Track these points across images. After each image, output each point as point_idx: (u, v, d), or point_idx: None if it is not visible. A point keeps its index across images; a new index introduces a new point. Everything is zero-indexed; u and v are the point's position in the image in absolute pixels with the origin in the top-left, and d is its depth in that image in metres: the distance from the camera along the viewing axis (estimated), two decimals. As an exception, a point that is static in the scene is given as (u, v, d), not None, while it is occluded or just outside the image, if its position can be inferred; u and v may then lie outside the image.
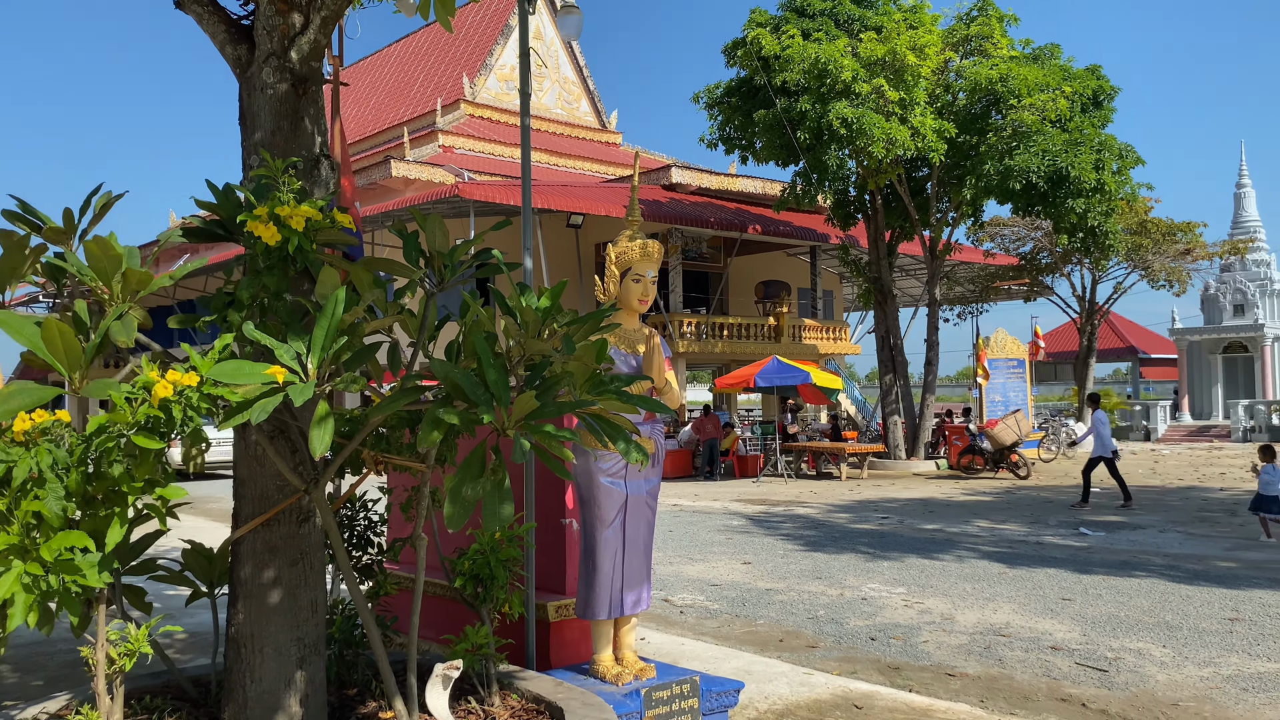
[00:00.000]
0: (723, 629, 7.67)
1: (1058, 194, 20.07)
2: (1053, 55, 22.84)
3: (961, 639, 7.12)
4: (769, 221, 29.98)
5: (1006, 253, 32.68)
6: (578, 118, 42.06)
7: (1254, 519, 13.24)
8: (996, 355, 26.88)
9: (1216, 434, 32.89)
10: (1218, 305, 37.57)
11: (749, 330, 30.94)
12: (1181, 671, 6.16)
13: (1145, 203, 29.64)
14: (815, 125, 20.04)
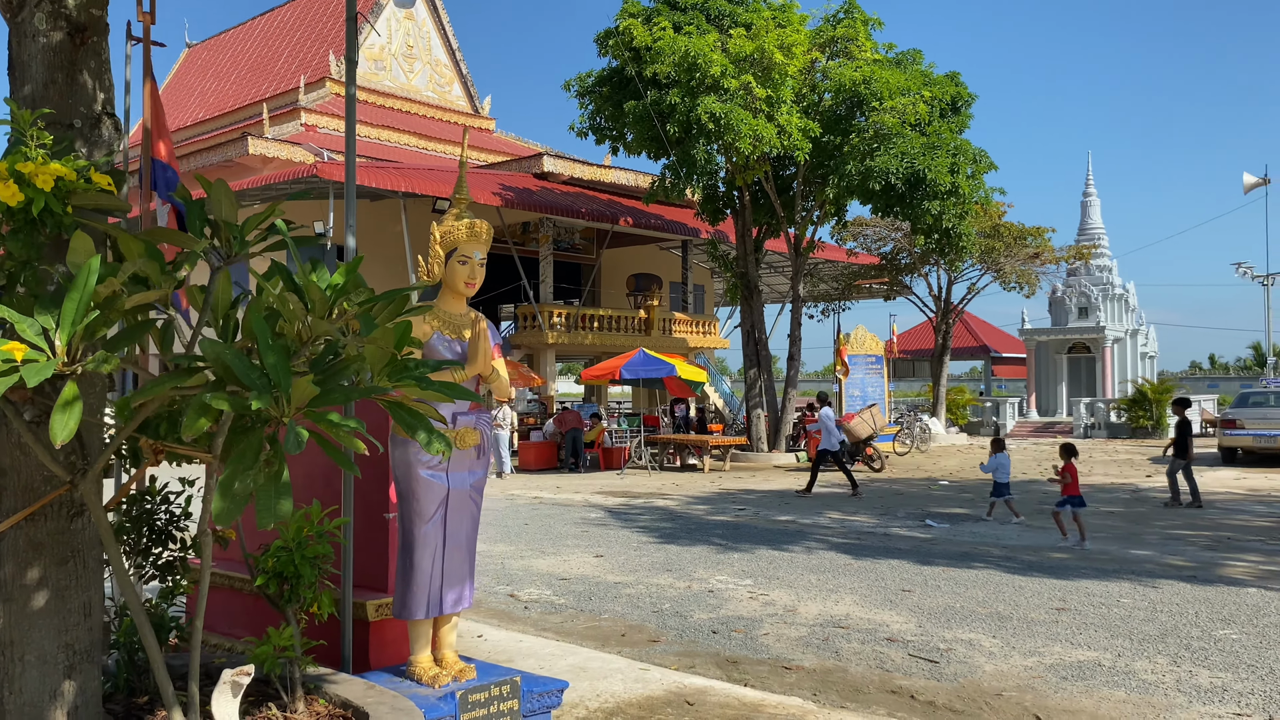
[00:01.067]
0: (566, 624, 7.51)
1: (915, 195, 20.66)
2: (915, 61, 23.51)
3: (802, 631, 7.15)
4: (641, 214, 30.00)
5: (869, 252, 33.56)
6: (449, 101, 41.23)
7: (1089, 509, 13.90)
8: (856, 351, 27.57)
9: (1060, 430, 34.60)
10: (1064, 307, 39.53)
11: (620, 322, 30.93)
12: (1008, 661, 6.31)
13: (998, 207, 30.85)
14: (684, 119, 20.09)
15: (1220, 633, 6.90)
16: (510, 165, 30.99)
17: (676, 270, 35.60)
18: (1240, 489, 16.74)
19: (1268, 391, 23.27)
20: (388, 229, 26.05)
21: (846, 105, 21.76)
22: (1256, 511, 13.85)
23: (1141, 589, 8.44)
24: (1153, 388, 32.60)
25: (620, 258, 35.50)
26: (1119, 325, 39.08)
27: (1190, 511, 13.87)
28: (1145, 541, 11.23)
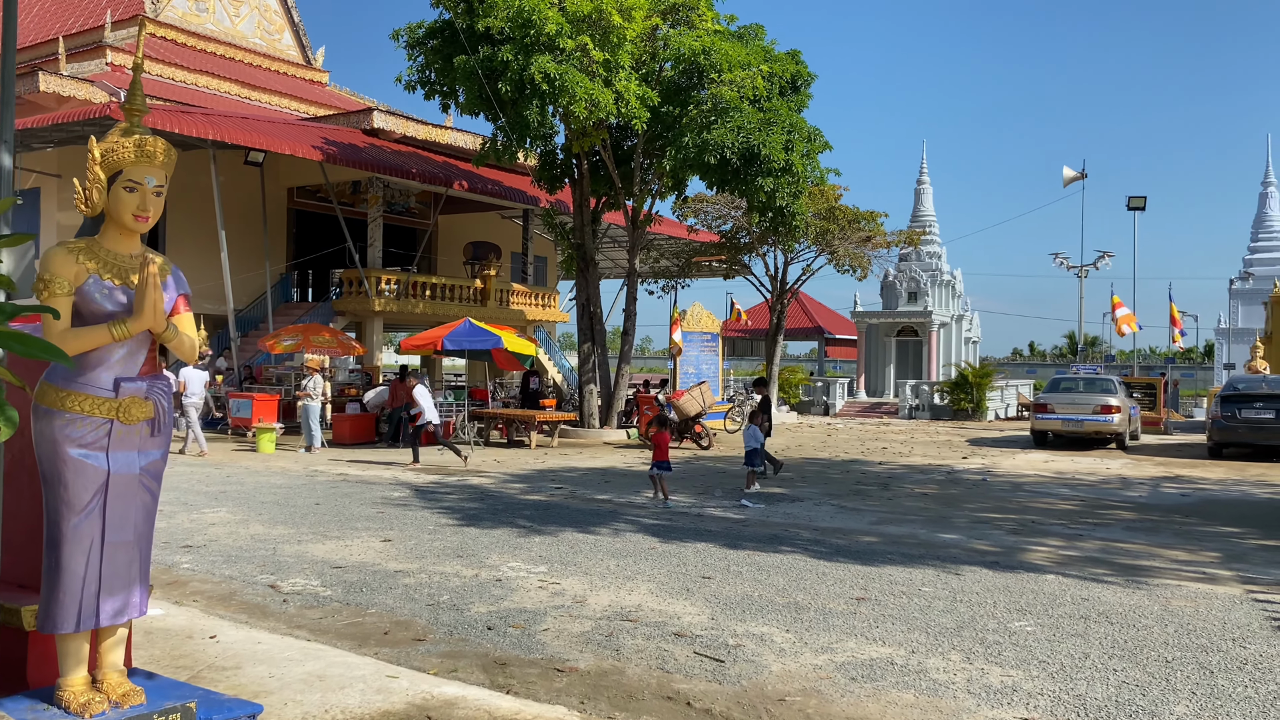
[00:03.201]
0: (324, 620, 6.67)
1: (749, 171, 20.40)
2: (757, 36, 23.22)
3: (586, 625, 6.54)
4: (479, 179, 28.84)
5: (709, 230, 33.41)
6: (279, 50, 38.74)
7: (902, 491, 13.89)
8: (692, 328, 27.34)
9: (886, 410, 35.52)
10: (895, 291, 40.59)
11: (454, 291, 29.75)
12: (798, 660, 5.87)
13: (834, 190, 31.16)
14: (517, 78, 19.15)
15: (1016, 624, 6.67)
16: (337, 119, 29.24)
17: (518, 240, 34.60)
18: (1048, 471, 17.23)
19: (1077, 378, 24.27)
20: (198, 182, 24.08)
21: (686, 75, 21.26)
22: (1061, 494, 14.17)
23: (944, 576, 8.23)
24: (974, 371, 33.79)
25: (459, 224, 34.21)
26: (946, 310, 40.41)
27: (1001, 493, 14.07)
28: (954, 525, 11.19)
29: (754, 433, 14.06)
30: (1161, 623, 6.71)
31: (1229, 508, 12.96)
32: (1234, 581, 8.18)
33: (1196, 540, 10.33)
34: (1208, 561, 9.12)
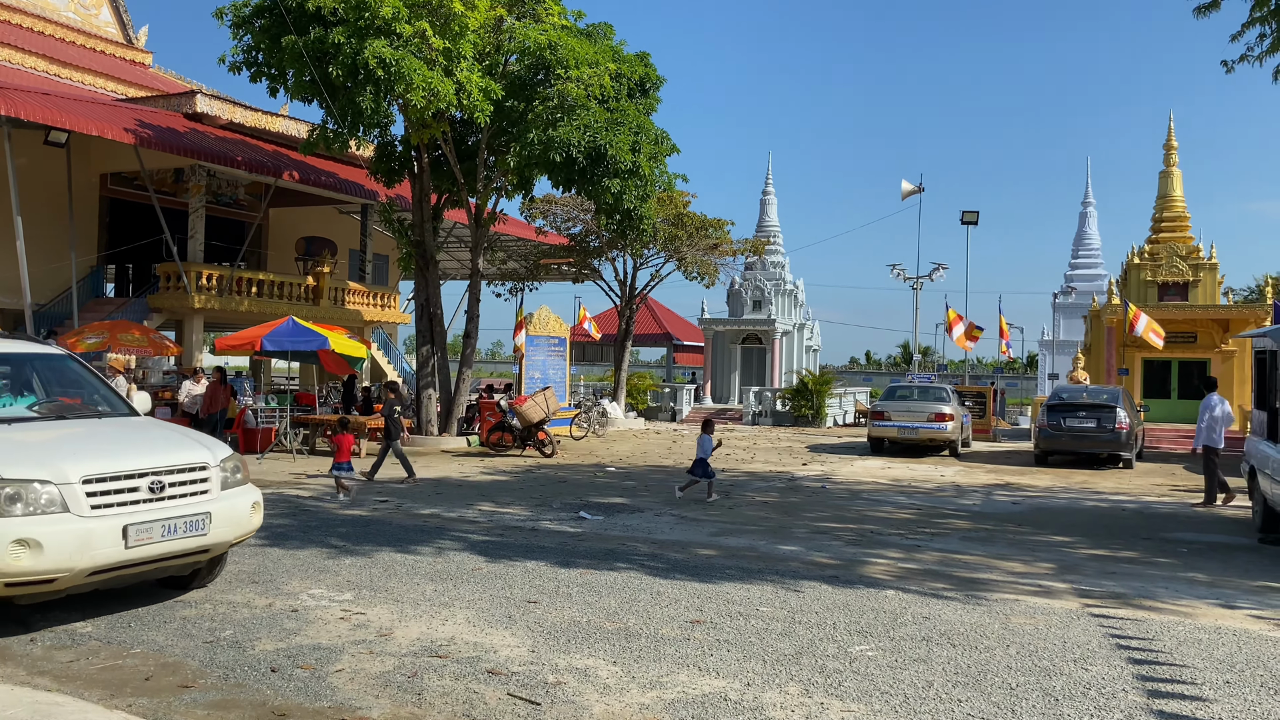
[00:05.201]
0: (75, 664, 5.66)
1: (596, 172, 19.85)
2: (606, 35, 22.73)
3: (388, 664, 5.77)
4: (313, 170, 27.30)
5: (558, 232, 32.79)
6: (96, 27, 35.89)
7: (743, 499, 13.59)
8: (539, 332, 26.62)
9: (731, 416, 35.67)
10: (741, 300, 40.93)
11: (283, 289, 28.06)
12: (623, 699, 5.27)
13: (682, 196, 31.07)
14: (349, 62, 18.00)
15: (857, 649, 6.27)
16: (156, 102, 27.13)
17: (356, 236, 33.04)
18: (885, 478, 17.33)
19: (912, 386, 24.79)
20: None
21: (532, 70, 20.55)
22: (898, 502, 14.16)
23: (783, 594, 7.82)
24: (814, 379, 34.31)
25: (291, 218, 32.39)
26: (788, 319, 41.02)
27: (840, 501, 13.94)
28: (793, 536, 10.89)
29: (706, 442, 13.99)
30: (1004, 644, 6.44)
31: (1058, 516, 13.18)
32: (1070, 595, 8.08)
33: (1030, 550, 10.33)
34: (1043, 573, 9.06)
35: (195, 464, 6.80)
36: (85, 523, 6.06)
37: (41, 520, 5.93)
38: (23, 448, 6.36)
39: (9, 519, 5.85)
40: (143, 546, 6.27)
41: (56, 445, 6.63)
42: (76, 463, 6.25)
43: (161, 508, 6.45)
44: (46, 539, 5.86)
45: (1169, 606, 7.72)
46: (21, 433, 6.79)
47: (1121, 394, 21.53)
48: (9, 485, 5.94)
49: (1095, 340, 31.19)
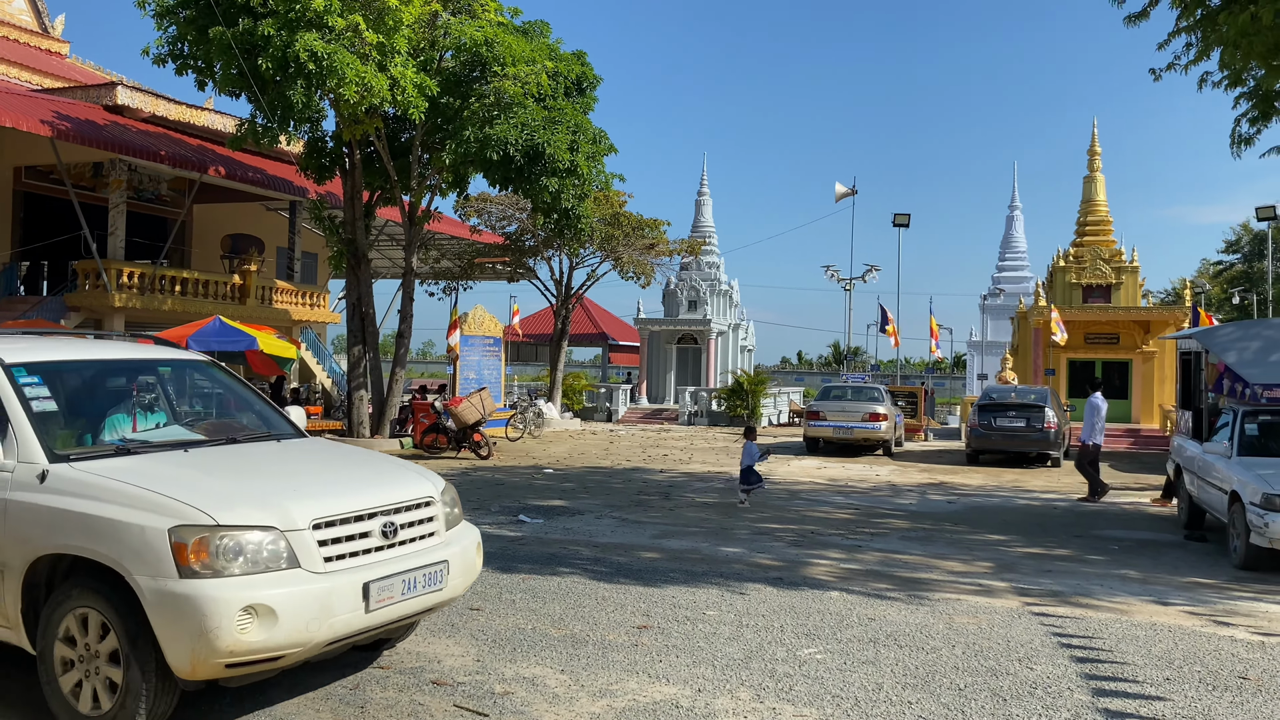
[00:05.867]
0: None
1: (534, 170, 19.68)
2: (542, 33, 22.55)
3: (329, 675, 5.56)
4: (240, 166, 26.57)
5: (493, 231, 32.47)
6: (9, 14, 34.52)
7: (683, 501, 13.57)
8: (474, 332, 26.34)
9: (667, 417, 35.70)
10: (676, 300, 41.01)
11: (208, 287, 27.25)
12: (573, 708, 5.16)
13: (619, 196, 31.01)
14: (280, 55, 17.54)
15: (805, 651, 6.25)
16: (75, 93, 26.20)
17: (284, 234, 32.28)
18: (822, 478, 17.46)
19: (847, 386, 25.06)
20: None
21: (468, 67, 20.27)
22: (836, 502, 14.26)
23: (729, 596, 7.78)
24: (749, 379, 34.50)
25: (217, 215, 31.49)
26: (723, 319, 41.22)
27: (779, 502, 13.97)
28: (736, 537, 10.87)
29: (751, 449, 13.58)
30: (949, 644, 6.47)
31: (992, 515, 13.39)
32: (1010, 594, 8.18)
33: (968, 549, 10.45)
34: (982, 572, 9.16)
35: (422, 498, 5.36)
36: (321, 581, 4.61)
37: (270, 580, 4.49)
38: (224, 482, 4.95)
39: (229, 579, 4.40)
40: (384, 609, 4.85)
41: (263, 479, 5.17)
42: (299, 501, 4.79)
43: (397, 557, 5.03)
44: (280, 604, 4.43)
45: (1105, 604, 7.85)
46: (208, 462, 5.32)
47: (1049, 394, 22.02)
48: (225, 533, 4.45)
49: (1022, 341, 31.88)
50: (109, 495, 4.61)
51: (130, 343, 6.75)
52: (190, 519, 4.45)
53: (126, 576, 4.44)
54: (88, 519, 4.56)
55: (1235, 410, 10.96)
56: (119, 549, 4.46)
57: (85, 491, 4.67)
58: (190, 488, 4.69)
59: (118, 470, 4.84)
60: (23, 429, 5.01)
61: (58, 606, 4.69)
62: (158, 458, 5.24)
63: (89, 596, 4.59)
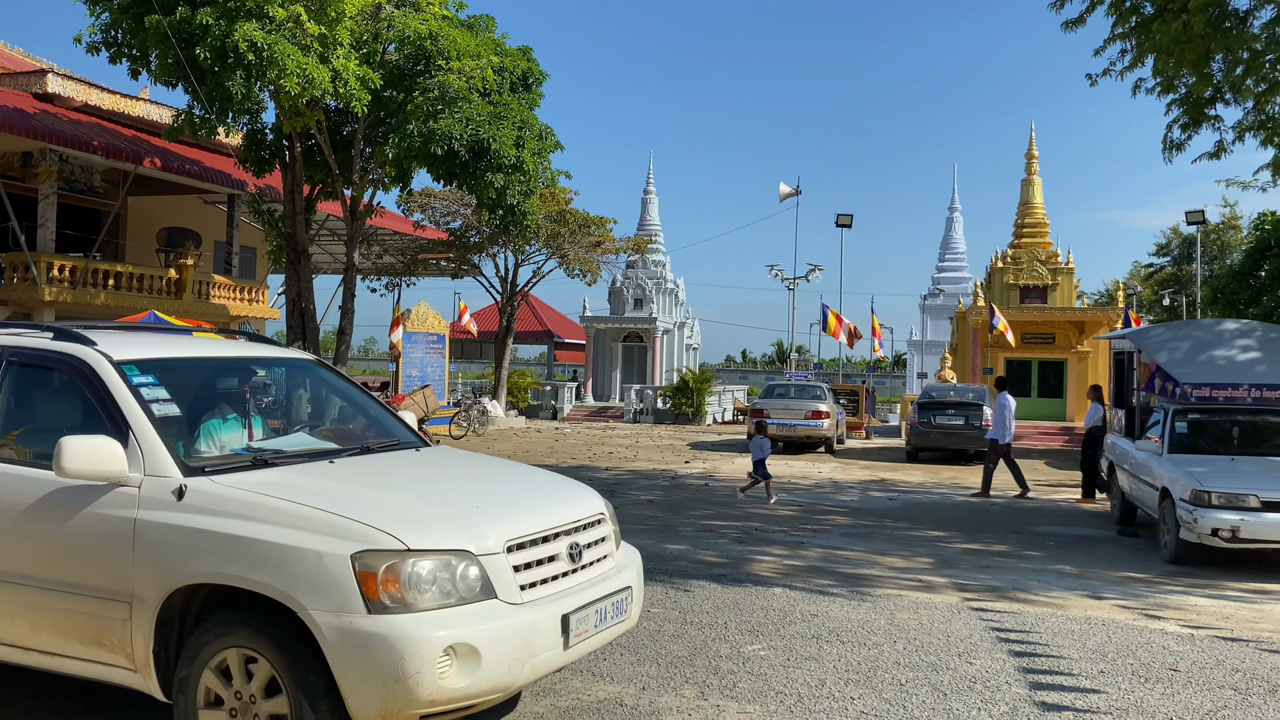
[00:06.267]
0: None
1: (479, 166, 19.54)
2: (488, 27, 22.38)
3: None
4: (176, 158, 25.97)
5: (436, 226, 32.18)
6: (-67, -3, 33.39)
7: (629, 498, 13.54)
8: (417, 329, 26.09)
9: (612, 414, 35.70)
10: (622, 298, 41.05)
11: (143, 282, 26.61)
12: (519, 706, 5.11)
13: (565, 193, 30.92)
14: (218, 45, 17.18)
15: (749, 649, 6.27)
16: (2, 80, 25.39)
17: (222, 228, 31.64)
18: (766, 476, 17.55)
19: (790, 384, 25.28)
20: None
21: (412, 60, 20.06)
22: (779, 499, 14.35)
23: (673, 594, 7.78)
24: (694, 377, 34.63)
25: (153, 208, 30.76)
26: (669, 318, 41.34)
27: (723, 499, 14.02)
28: (680, 534, 10.89)
29: (761, 443, 14.25)
30: (891, 639, 6.54)
31: (932, 511, 13.59)
32: (949, 589, 8.30)
33: (909, 545, 10.59)
34: (922, 568, 9.29)
35: (596, 515, 4.75)
36: (521, 614, 3.98)
37: (468, 614, 3.84)
38: (398, 499, 4.30)
39: (425, 614, 3.75)
40: (580, 644, 4.25)
41: (436, 494, 4.55)
42: (488, 520, 4.16)
43: (584, 583, 4.42)
44: (483, 643, 3.79)
45: (1042, 598, 8.00)
46: (362, 474, 4.65)
47: (987, 393, 22.41)
48: (418, 559, 3.80)
49: (961, 341, 32.42)
50: (269, 514, 3.92)
51: (227, 340, 5.95)
52: (376, 543, 3.77)
53: (300, 612, 3.74)
54: (246, 543, 3.87)
55: (1166, 409, 11.25)
56: (288, 578, 3.77)
57: (237, 510, 3.98)
58: (366, 506, 4.02)
59: (268, 485, 4.16)
60: (148, 437, 4.26)
61: (203, 646, 3.99)
62: (304, 470, 4.54)
63: (245, 634, 3.90)
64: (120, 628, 4.12)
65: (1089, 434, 14.56)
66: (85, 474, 4.12)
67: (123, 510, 4.15)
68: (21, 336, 4.99)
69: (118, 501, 4.18)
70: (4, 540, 4.41)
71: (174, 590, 4.03)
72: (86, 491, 4.25)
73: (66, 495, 4.28)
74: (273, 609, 3.86)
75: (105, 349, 4.63)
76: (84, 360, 4.58)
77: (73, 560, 4.24)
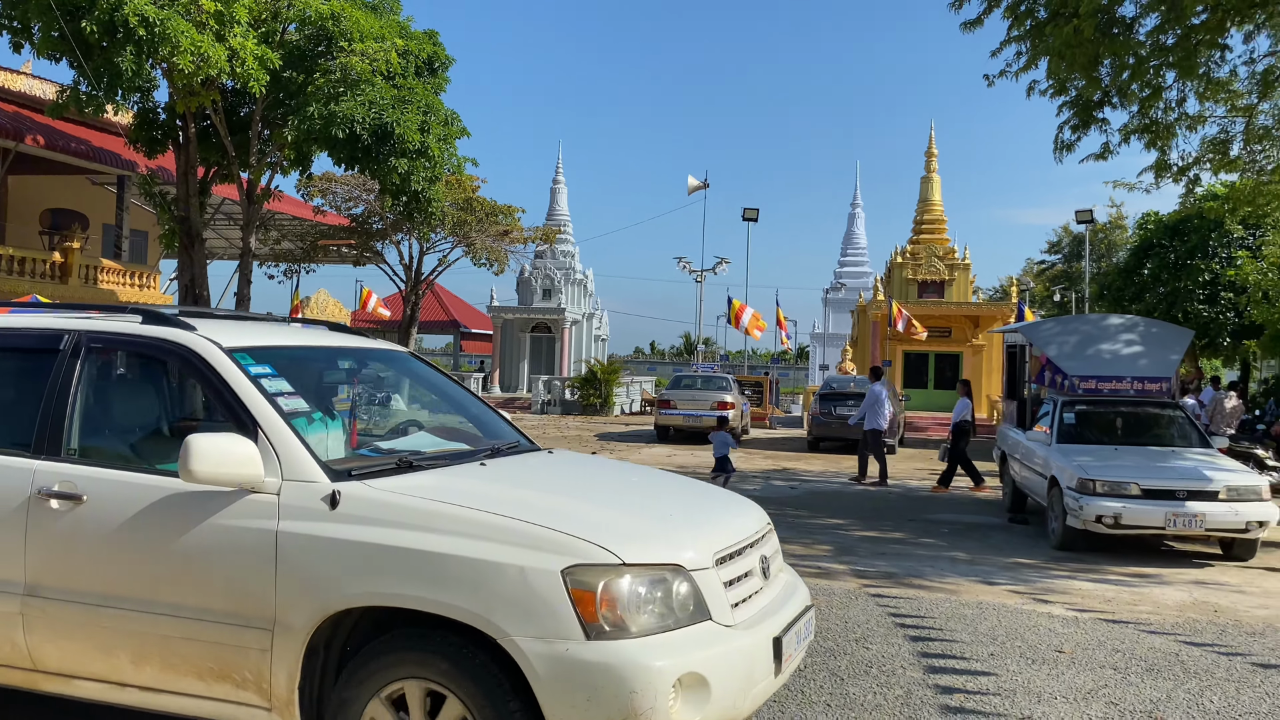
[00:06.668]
0: None
1: (382, 150, 19.14)
2: (392, 9, 21.93)
3: None
4: (62, 136, 24.79)
5: (338, 212, 31.46)
6: None
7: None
8: (317, 317, 25.44)
9: (520, 405, 35.46)
10: (530, 288, 40.82)
11: (24, 265, 25.36)
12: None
13: (472, 180, 30.55)
14: (106, 19, 16.44)
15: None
16: None
17: (111, 210, 30.36)
18: (672, 465, 17.64)
19: (697, 375, 25.48)
20: None
21: (313, 41, 19.52)
22: (685, 489, 14.45)
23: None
24: (602, 368, 34.66)
25: (36, 188, 29.33)
26: (578, 308, 41.26)
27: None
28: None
29: (723, 439, 14.79)
30: (791, 626, 6.64)
31: (832, 500, 13.85)
32: (848, 575, 8.47)
33: (809, 533, 10.77)
34: (822, 555, 9.46)
35: (768, 526, 4.45)
36: (738, 637, 3.50)
37: (691, 638, 3.36)
38: (587, 507, 3.82)
39: (649, 640, 3.27)
40: (787, 669, 3.83)
41: (618, 502, 4.05)
42: (688, 530, 3.74)
43: (775, 599, 3.98)
44: (711, 672, 3.31)
45: (936, 584, 8.23)
46: (526, 478, 4.20)
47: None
48: (634, 576, 3.32)
49: (862, 334, 33.15)
50: (452, 524, 3.38)
51: (314, 328, 5.29)
52: (589, 556, 3.26)
53: (500, 639, 3.22)
54: (426, 558, 3.31)
55: (1055, 400, 11.67)
56: (484, 599, 3.23)
57: (410, 520, 3.42)
58: (559, 514, 3.49)
59: (434, 490, 3.60)
60: (282, 436, 3.67)
61: (364, 680, 3.43)
62: (461, 473, 4.00)
63: (422, 665, 3.35)
64: (256, 659, 3.52)
65: (956, 426, 15.12)
66: (216, 479, 3.52)
67: (258, 521, 3.55)
68: (101, 320, 4.32)
69: (250, 511, 3.57)
70: (95, 559, 3.77)
71: (331, 615, 3.45)
72: (207, 500, 3.62)
73: (180, 504, 3.66)
74: (451, 634, 3.34)
75: (209, 334, 4.03)
76: (190, 348, 3.93)
77: (190, 581, 3.61)
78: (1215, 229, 27.18)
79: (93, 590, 3.75)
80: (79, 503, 3.80)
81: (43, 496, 3.85)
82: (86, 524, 3.78)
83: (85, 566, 3.78)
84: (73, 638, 3.80)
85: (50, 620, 3.81)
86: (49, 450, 3.97)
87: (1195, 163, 13.66)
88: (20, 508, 3.87)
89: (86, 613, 3.75)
